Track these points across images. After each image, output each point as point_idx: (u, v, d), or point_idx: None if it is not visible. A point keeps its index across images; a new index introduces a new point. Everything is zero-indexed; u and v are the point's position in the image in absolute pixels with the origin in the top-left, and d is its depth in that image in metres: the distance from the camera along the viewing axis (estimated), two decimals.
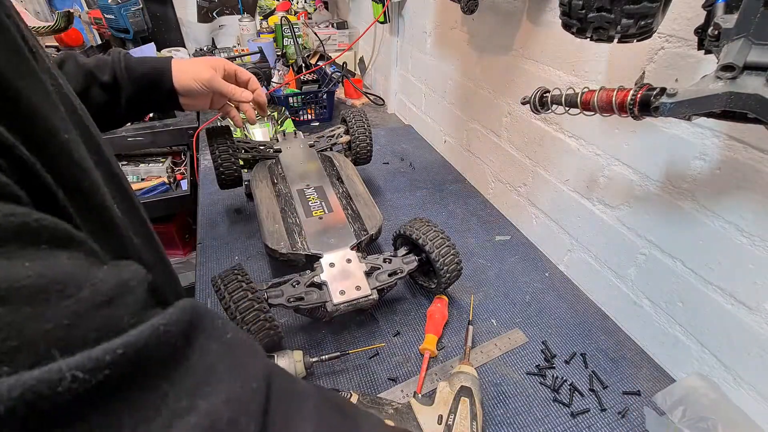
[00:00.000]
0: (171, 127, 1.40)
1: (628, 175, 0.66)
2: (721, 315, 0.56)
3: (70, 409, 0.16)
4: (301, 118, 1.40)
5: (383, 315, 0.72)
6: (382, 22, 1.37)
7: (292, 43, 1.58)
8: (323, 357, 0.60)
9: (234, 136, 0.94)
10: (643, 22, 0.43)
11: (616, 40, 0.46)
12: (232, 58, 1.56)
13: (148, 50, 1.53)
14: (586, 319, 0.73)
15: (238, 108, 0.75)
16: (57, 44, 1.49)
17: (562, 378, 0.63)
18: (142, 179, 1.48)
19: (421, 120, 1.36)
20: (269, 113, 1.26)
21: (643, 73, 0.45)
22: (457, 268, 0.68)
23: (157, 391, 0.18)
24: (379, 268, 0.67)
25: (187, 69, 0.65)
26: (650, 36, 0.46)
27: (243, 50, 1.75)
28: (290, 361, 0.57)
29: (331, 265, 0.65)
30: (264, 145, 0.94)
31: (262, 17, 2.02)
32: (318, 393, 0.28)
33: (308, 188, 0.80)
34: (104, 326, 0.19)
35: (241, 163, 0.91)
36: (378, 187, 1.08)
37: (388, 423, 0.49)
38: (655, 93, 0.39)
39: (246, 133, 1.18)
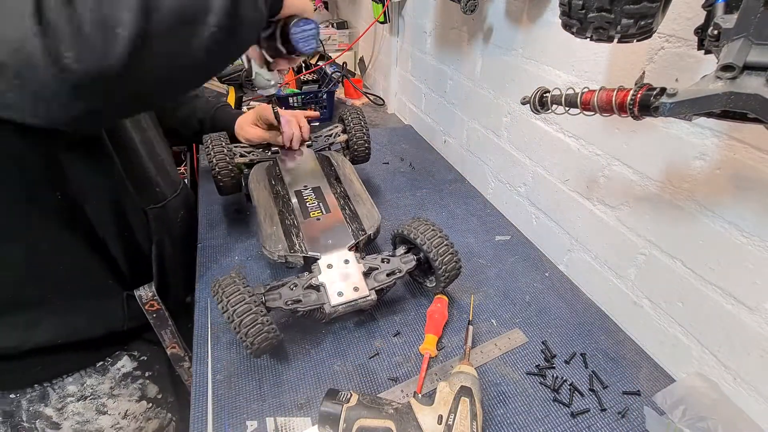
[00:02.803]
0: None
1: (628, 175, 0.66)
2: (721, 315, 0.56)
3: None
4: None
5: (383, 315, 0.72)
6: (382, 22, 1.37)
7: None
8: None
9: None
10: (643, 22, 0.43)
11: (616, 40, 0.46)
12: None
13: None
14: (586, 319, 0.73)
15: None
16: None
17: (562, 378, 0.63)
18: None
19: (421, 120, 1.36)
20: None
21: (643, 73, 0.45)
22: (456, 267, 0.68)
23: None
24: (378, 269, 0.67)
25: (240, 131, 0.94)
26: (650, 36, 0.46)
27: None
28: None
29: (329, 266, 0.65)
30: (261, 148, 0.93)
31: None
32: None
33: (306, 189, 0.80)
34: None
35: (242, 168, 0.91)
36: (378, 187, 1.08)
37: (388, 423, 0.49)
38: (655, 93, 0.39)
39: None
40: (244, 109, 1.35)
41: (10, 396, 0.63)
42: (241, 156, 0.89)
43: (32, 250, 0.56)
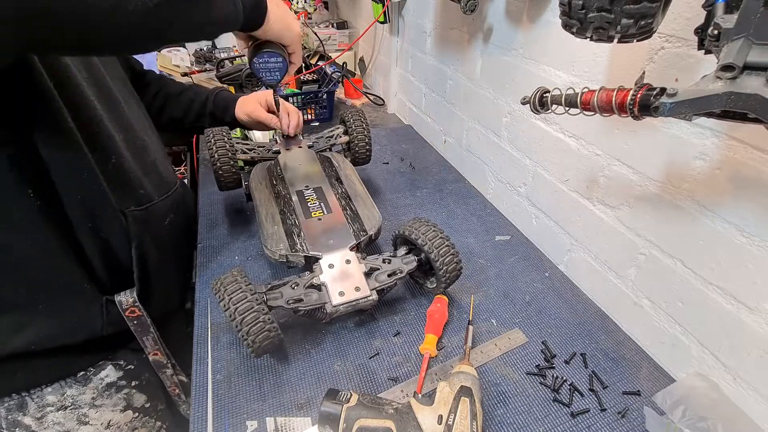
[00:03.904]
0: None
1: (628, 175, 0.66)
2: (721, 315, 0.56)
3: None
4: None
5: (383, 315, 0.72)
6: (382, 22, 1.37)
7: None
8: None
9: (234, 136, 0.94)
10: (643, 22, 0.43)
11: (616, 40, 0.46)
12: (232, 59, 1.56)
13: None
14: (586, 319, 0.73)
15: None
16: None
17: (562, 378, 0.63)
18: None
19: (421, 120, 1.36)
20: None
21: (643, 73, 0.45)
22: (457, 268, 0.68)
23: None
24: (379, 269, 0.67)
25: (241, 105, 0.97)
26: (650, 36, 0.46)
27: None
28: None
29: (330, 266, 0.65)
30: (263, 146, 0.94)
31: None
32: None
33: (307, 189, 0.80)
34: None
35: (241, 164, 0.91)
36: (378, 187, 1.08)
37: (388, 423, 0.49)
38: (655, 93, 0.39)
39: (246, 133, 1.18)
40: None
41: None
42: (243, 153, 0.89)
43: (6, 250, 0.55)
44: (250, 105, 0.96)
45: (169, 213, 0.74)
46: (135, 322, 0.68)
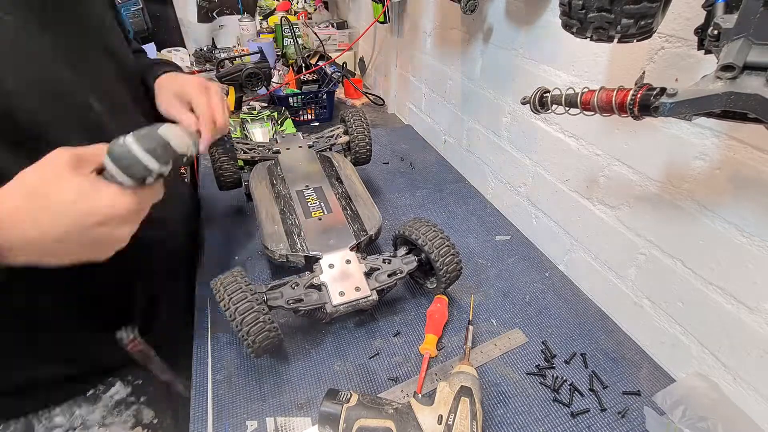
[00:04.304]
0: None
1: (628, 175, 0.66)
2: (721, 315, 0.56)
3: None
4: (301, 118, 1.40)
5: (383, 315, 0.72)
6: (382, 22, 1.37)
7: (292, 43, 1.58)
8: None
9: (234, 136, 0.94)
10: (643, 22, 0.43)
11: (616, 40, 0.46)
12: (232, 59, 1.56)
13: (148, 50, 1.53)
14: (586, 319, 0.73)
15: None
16: None
17: (562, 378, 0.63)
18: None
19: (421, 120, 1.36)
20: (268, 114, 1.26)
21: (643, 73, 0.45)
22: (457, 268, 0.68)
23: None
24: (379, 269, 0.67)
25: (158, 93, 0.72)
26: (650, 36, 0.46)
27: (243, 50, 1.75)
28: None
29: (331, 266, 0.65)
30: (263, 146, 0.94)
31: (262, 17, 2.02)
32: None
33: (307, 189, 0.80)
34: None
35: (241, 164, 0.91)
36: (378, 188, 1.08)
37: (388, 423, 0.49)
38: (655, 93, 0.39)
39: (246, 133, 1.18)
40: (244, 109, 1.35)
41: None
42: (243, 152, 0.89)
43: (4, 293, 0.51)
44: (163, 100, 0.71)
45: (166, 241, 0.71)
46: (138, 354, 0.64)
